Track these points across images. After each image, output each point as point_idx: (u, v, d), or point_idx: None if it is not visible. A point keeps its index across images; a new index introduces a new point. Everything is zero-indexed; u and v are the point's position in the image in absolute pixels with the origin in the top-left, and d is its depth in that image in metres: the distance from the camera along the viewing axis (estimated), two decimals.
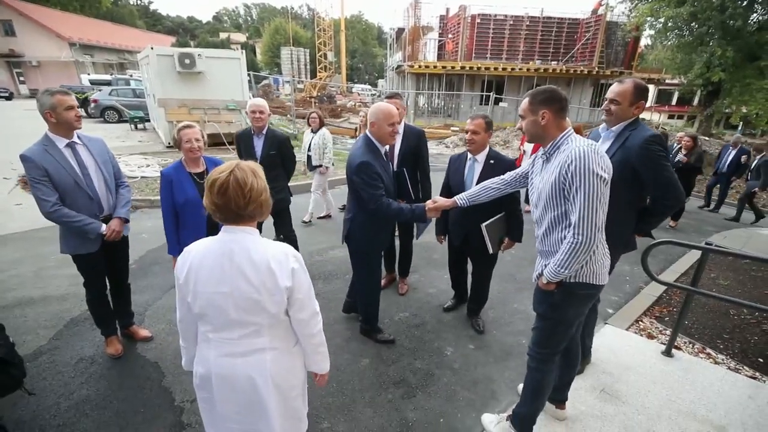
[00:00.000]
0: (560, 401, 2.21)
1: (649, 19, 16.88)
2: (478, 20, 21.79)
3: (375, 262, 2.84)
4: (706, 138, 15.34)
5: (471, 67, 21.33)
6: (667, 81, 26.38)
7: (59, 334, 2.97)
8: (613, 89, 2.17)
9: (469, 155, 2.82)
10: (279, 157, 3.51)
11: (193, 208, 2.48)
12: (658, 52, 20.46)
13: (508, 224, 2.74)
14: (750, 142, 12.47)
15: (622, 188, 2.11)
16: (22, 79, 28.40)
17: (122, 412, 2.27)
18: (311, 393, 2.42)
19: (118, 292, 2.83)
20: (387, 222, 2.73)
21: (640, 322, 3.36)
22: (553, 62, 22.54)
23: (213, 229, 2.53)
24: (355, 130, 4.88)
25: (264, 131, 3.45)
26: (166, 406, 2.31)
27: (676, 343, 3.04)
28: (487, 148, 2.77)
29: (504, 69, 21.09)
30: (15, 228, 5.05)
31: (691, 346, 3.09)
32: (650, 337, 3.15)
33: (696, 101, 26.06)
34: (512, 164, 2.73)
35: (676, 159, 6.21)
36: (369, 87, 38.81)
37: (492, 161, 2.73)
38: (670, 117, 35.09)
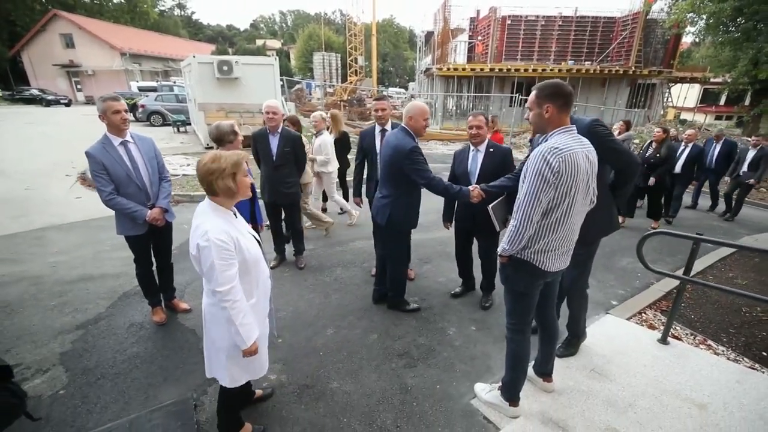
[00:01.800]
0: (546, 374, 2.41)
1: (690, 15, 16.23)
2: (508, 21, 21.66)
3: (408, 238, 3.34)
4: (749, 139, 14.54)
5: (500, 69, 21.20)
6: (711, 80, 25.08)
7: (114, 305, 3.46)
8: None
9: (472, 147, 3.15)
10: (292, 155, 3.86)
11: None
12: (706, 48, 19.55)
13: (510, 205, 2.97)
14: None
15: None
16: (79, 87, 30.92)
17: (165, 366, 2.68)
18: (325, 359, 2.77)
19: (162, 270, 3.28)
20: (418, 204, 3.16)
21: (643, 314, 3.45)
22: (587, 62, 22.00)
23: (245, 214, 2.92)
24: (314, 127, 5.16)
25: (279, 130, 3.77)
26: (201, 364, 2.65)
27: (677, 334, 3.15)
28: (487, 140, 3.12)
29: (534, 70, 20.82)
30: (76, 218, 5.73)
31: (692, 337, 3.17)
32: (651, 327, 3.24)
33: (748, 101, 24.53)
34: (509, 151, 3.11)
35: (647, 154, 5.95)
36: (404, 90, 39.31)
37: (491, 149, 3.09)
38: (717, 118, 33.09)
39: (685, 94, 26.30)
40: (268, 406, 2.35)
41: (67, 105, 25.98)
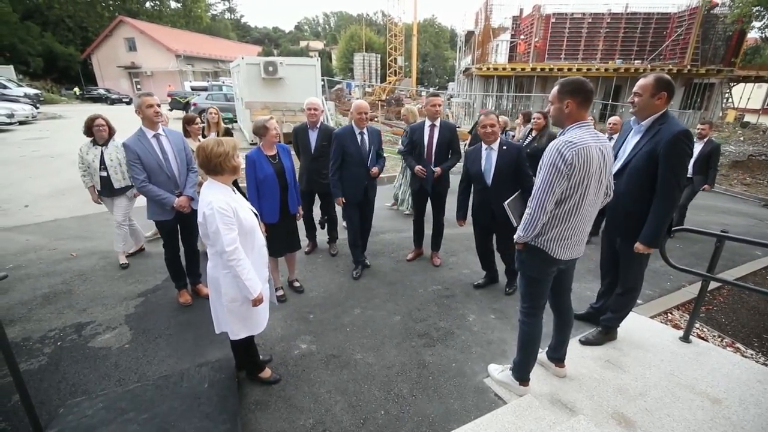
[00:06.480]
0: (558, 360, 2.51)
1: (756, 9, 15.05)
2: (552, 20, 21.11)
3: (350, 209, 3.86)
4: None
5: (542, 69, 20.68)
6: None
7: (168, 278, 3.79)
8: (638, 83, 2.45)
9: (485, 146, 3.25)
10: (329, 148, 4.13)
11: (272, 182, 3.14)
12: None
13: (525, 200, 3.08)
14: None
15: (648, 179, 2.39)
16: (139, 86, 33.46)
17: (212, 332, 2.95)
18: (351, 334, 3.02)
19: (189, 255, 3.54)
20: (351, 180, 3.72)
21: (669, 314, 3.42)
22: (636, 61, 20.99)
23: (285, 202, 3.22)
24: (202, 129, 4.85)
25: (318, 125, 4.06)
26: None
27: (703, 335, 3.12)
28: (499, 138, 3.22)
29: (579, 69, 20.12)
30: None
31: (719, 339, 3.12)
32: (676, 327, 3.21)
33: None
34: (522, 148, 3.19)
35: (526, 142, 4.91)
36: (452, 92, 39.34)
37: (504, 147, 3.18)
38: None
39: (749, 95, 24.34)
40: (298, 369, 2.63)
41: (128, 103, 28.15)
